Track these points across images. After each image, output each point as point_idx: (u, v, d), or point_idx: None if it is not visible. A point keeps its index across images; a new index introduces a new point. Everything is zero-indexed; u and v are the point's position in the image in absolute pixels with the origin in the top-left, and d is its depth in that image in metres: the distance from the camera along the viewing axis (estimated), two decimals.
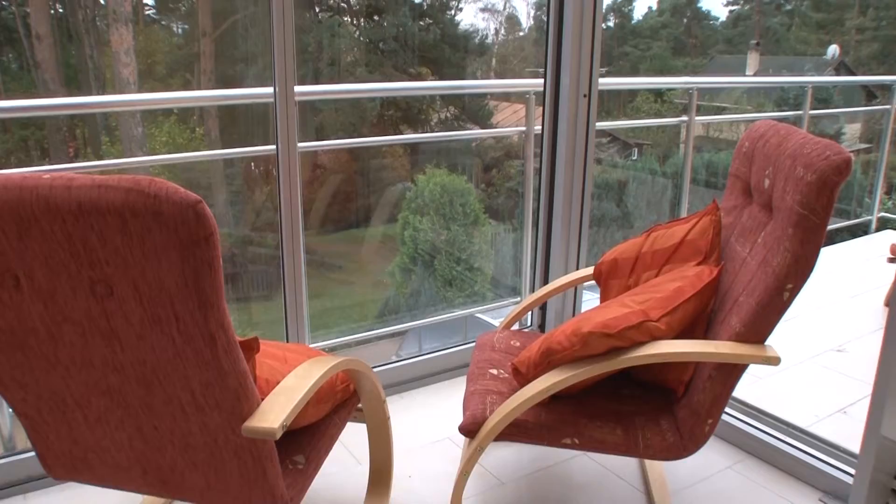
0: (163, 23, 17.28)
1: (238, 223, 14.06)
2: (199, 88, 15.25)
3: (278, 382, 1.48)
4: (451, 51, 17.21)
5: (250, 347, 1.45)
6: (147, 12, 16.85)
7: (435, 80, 16.99)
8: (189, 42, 16.35)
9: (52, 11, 14.91)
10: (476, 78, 18.69)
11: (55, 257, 1.22)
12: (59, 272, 1.24)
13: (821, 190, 1.55)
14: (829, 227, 1.62)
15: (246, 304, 12.61)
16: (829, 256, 4.89)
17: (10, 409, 1.54)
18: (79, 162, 14.26)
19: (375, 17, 17.10)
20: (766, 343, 1.70)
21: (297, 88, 2.45)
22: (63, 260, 1.22)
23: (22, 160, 14.26)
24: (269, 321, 11.34)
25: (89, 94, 14.73)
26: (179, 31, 17.30)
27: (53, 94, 14.17)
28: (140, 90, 14.20)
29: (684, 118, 4.47)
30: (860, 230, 6.19)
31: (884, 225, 6.10)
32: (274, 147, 2.52)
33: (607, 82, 3.77)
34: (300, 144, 2.53)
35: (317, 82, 15.74)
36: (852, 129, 18.89)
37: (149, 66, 15.42)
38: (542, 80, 3.00)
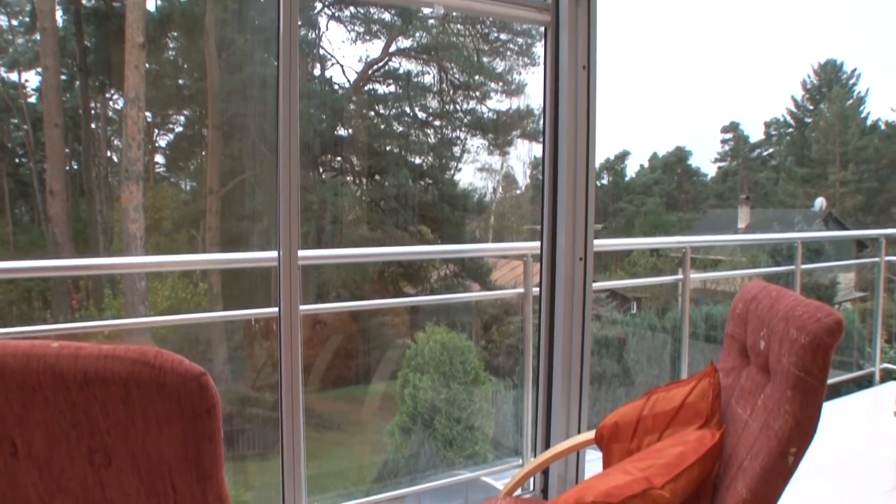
0: (171, 180, 17.90)
1: (237, 380, 13.91)
2: (204, 244, 15.54)
3: None
4: (451, 209, 17.72)
5: None
6: (158, 170, 17.51)
7: (435, 237, 17.37)
8: (196, 199, 16.83)
9: (67, 168, 15.45)
10: (475, 235, 19.12)
11: (56, 425, 1.22)
12: (58, 440, 1.23)
13: (815, 352, 1.57)
14: (833, 381, 1.63)
15: (242, 464, 12.25)
16: (834, 411, 4.81)
17: None
18: (80, 314, 14.29)
19: (377, 178, 17.73)
20: None
21: (301, 253, 2.51)
22: (64, 428, 1.21)
23: (24, 312, 14.30)
24: (265, 484, 10.98)
25: (96, 248, 15.00)
26: (188, 187, 17.88)
27: (61, 247, 14.41)
28: (146, 245, 14.47)
29: (680, 276, 4.54)
30: (864, 381, 6.12)
31: (889, 375, 6.04)
32: (276, 309, 2.55)
33: (603, 244, 3.87)
34: (302, 307, 2.57)
35: (319, 239, 16.07)
36: (846, 279, 19.09)
37: (156, 221, 15.80)
38: (538, 243, 3.09)
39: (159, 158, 17.68)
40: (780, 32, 34.99)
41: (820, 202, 25.20)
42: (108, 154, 16.10)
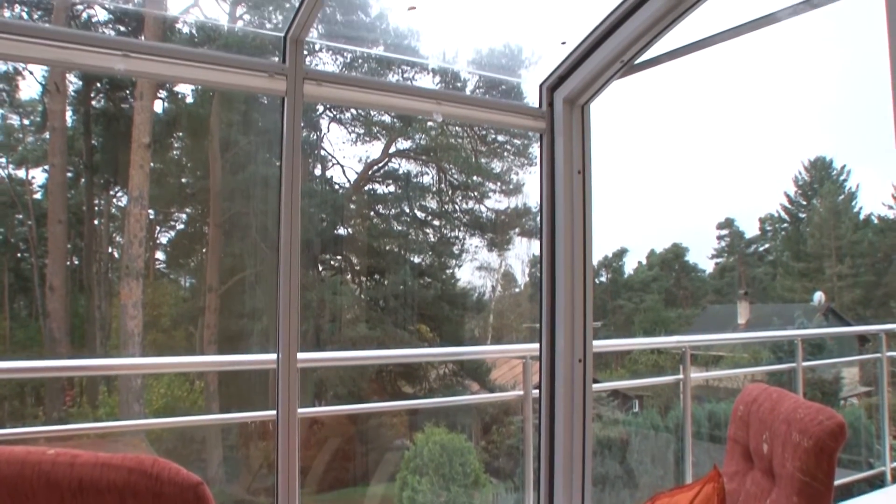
0: (171, 276, 17.96)
1: (232, 482, 13.57)
2: (202, 342, 15.46)
3: None
4: (450, 307, 17.73)
5: None
6: (158, 266, 17.60)
7: (434, 336, 17.31)
8: (195, 296, 16.84)
9: (68, 263, 15.53)
10: (475, 334, 19.04)
11: None
12: None
13: (819, 456, 1.56)
14: (842, 481, 1.61)
15: None
16: None
17: None
18: (74, 411, 14.08)
19: (376, 276, 17.81)
20: None
21: (301, 355, 2.52)
22: None
23: (16, 408, 14.09)
24: None
25: (93, 345, 14.93)
26: (187, 284, 17.92)
27: (58, 343, 14.32)
28: (143, 342, 14.39)
29: (680, 376, 4.51)
30: (876, 480, 5.97)
31: None
32: (274, 412, 2.54)
33: (602, 344, 3.87)
34: (300, 410, 2.55)
35: (318, 338, 16.00)
36: (851, 374, 18.87)
37: (154, 317, 15.77)
38: (537, 344, 3.09)
39: (160, 255, 17.82)
40: (769, 130, 35.86)
41: (819, 296, 25.22)
42: (110, 250, 16.27)
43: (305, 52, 2.65)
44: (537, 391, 3.16)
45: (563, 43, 3.11)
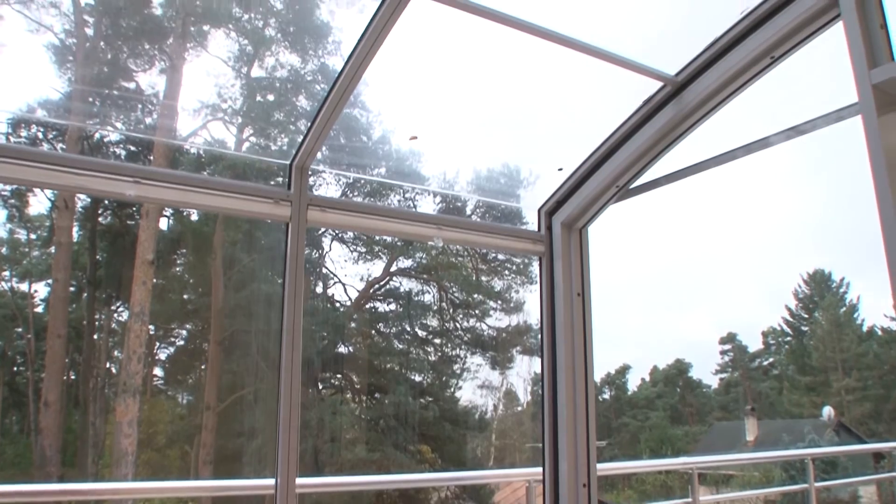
0: (169, 393, 17.74)
1: None
2: (197, 462, 15.09)
3: None
4: (452, 427, 17.41)
5: None
6: (156, 382, 17.41)
7: (435, 457, 16.94)
8: (192, 413, 16.59)
9: (65, 377, 15.36)
10: (476, 454, 18.64)
11: None
12: None
13: None
14: None
15: None
16: None
17: None
18: None
19: (377, 395, 17.58)
20: None
21: (300, 480, 2.46)
22: None
23: None
24: None
25: (85, 463, 14.62)
26: (184, 401, 17.68)
27: (48, 461, 13.96)
28: (137, 462, 14.04)
29: (689, 499, 4.39)
30: None
31: None
32: None
33: (607, 468, 3.79)
34: None
35: (316, 460, 15.64)
36: (868, 492, 18.25)
37: (150, 435, 15.48)
38: (540, 469, 3.02)
39: (158, 371, 17.71)
40: (765, 245, 36.37)
41: (828, 411, 24.78)
42: (108, 365, 16.15)
43: (309, 173, 2.74)
44: None
45: (560, 169, 3.21)
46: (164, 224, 16.72)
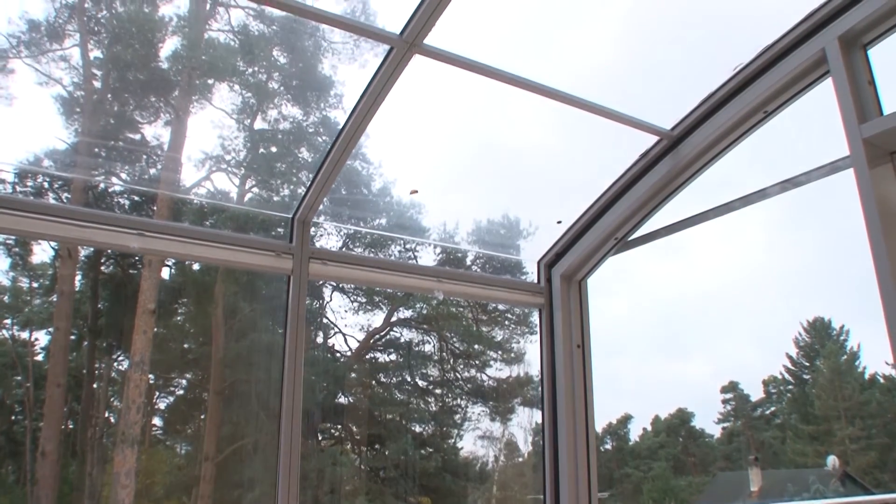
0: (167, 443, 17.55)
1: None
2: None
3: None
4: (452, 478, 17.22)
5: None
6: (154, 432, 17.23)
7: None
8: (191, 464, 16.40)
9: (63, 426, 15.22)
10: None
11: None
12: None
13: None
14: None
15: None
16: None
17: None
18: None
19: (377, 446, 17.42)
20: None
21: None
22: None
23: None
24: None
25: None
26: (183, 451, 17.49)
27: None
28: None
29: None
30: None
31: None
32: None
33: None
34: None
35: None
36: None
37: (147, 486, 15.28)
38: None
39: (157, 420, 17.54)
40: (764, 292, 36.38)
41: (832, 461, 24.50)
42: (107, 415, 16.02)
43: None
44: None
45: (559, 222, 3.31)
46: (165, 273, 16.81)
